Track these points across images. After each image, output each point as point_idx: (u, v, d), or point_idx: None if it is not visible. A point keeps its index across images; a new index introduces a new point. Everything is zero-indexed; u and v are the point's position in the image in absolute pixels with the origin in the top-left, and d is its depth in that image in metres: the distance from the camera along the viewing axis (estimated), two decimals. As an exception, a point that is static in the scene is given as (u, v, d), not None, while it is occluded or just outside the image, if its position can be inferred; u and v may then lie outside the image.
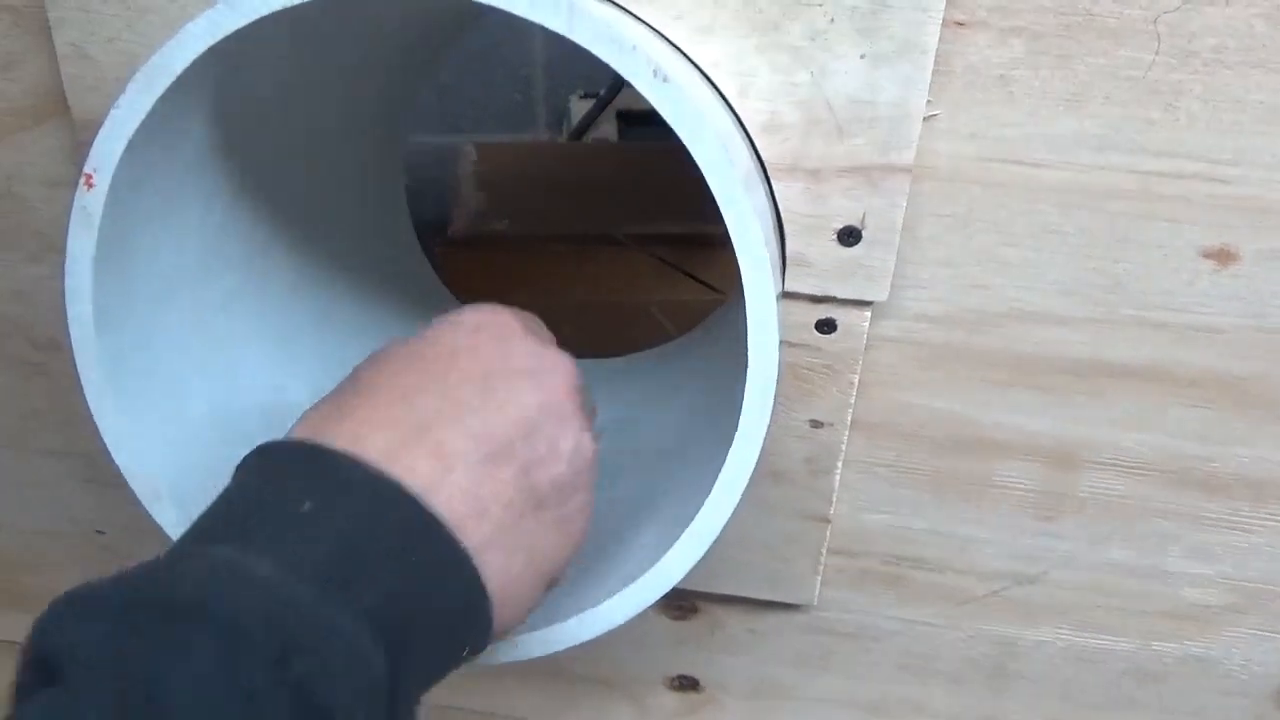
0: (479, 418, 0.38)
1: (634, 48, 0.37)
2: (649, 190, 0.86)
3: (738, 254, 0.40)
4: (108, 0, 0.46)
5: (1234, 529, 0.56)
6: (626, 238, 0.83)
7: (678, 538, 0.44)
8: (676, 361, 0.72)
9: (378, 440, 0.36)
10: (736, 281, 0.41)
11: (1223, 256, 0.48)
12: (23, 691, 0.30)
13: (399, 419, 0.37)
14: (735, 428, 0.42)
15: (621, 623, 0.45)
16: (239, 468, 0.37)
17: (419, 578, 0.34)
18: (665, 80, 0.38)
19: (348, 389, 0.39)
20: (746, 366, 0.41)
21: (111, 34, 0.47)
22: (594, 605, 0.45)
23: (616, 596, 0.44)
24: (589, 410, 0.43)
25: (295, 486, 0.35)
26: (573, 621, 0.45)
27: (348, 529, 0.34)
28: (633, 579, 0.45)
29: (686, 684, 0.68)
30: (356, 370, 0.40)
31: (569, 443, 0.40)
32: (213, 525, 0.35)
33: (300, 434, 0.37)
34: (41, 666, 0.29)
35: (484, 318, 0.42)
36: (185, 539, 0.34)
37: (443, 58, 0.71)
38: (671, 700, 0.69)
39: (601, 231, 0.85)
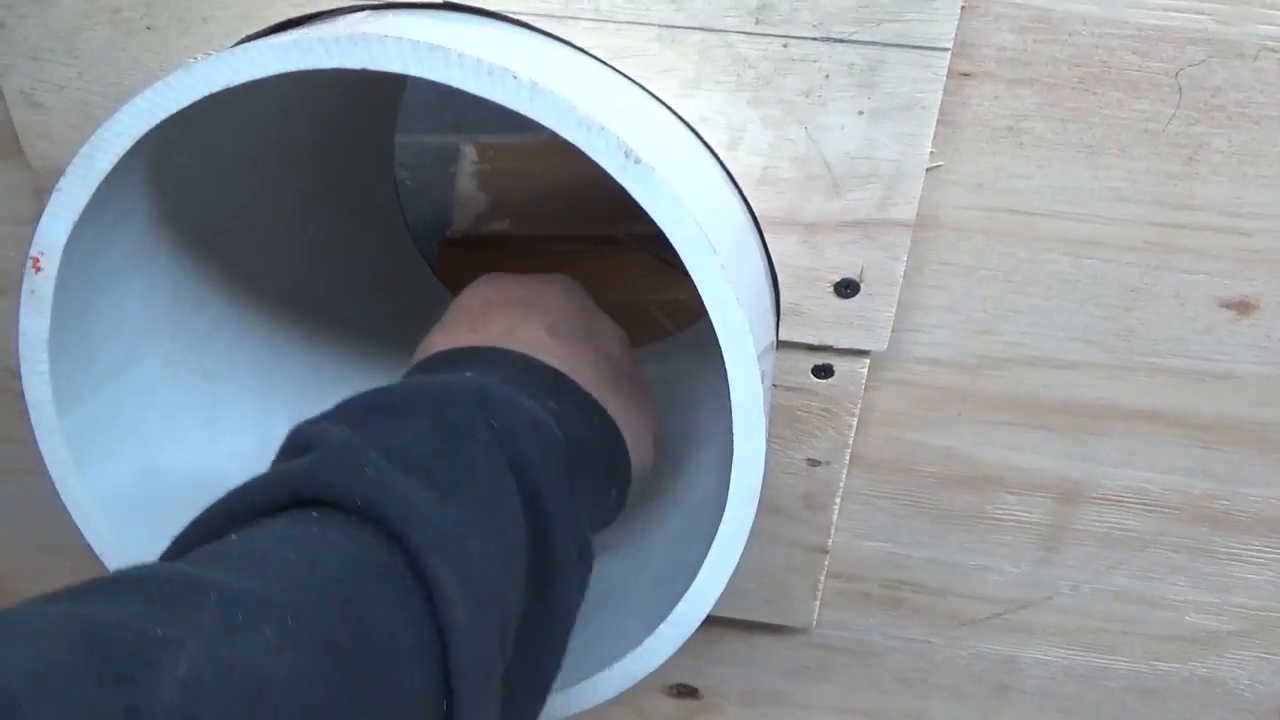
0: (537, 319, 0.44)
1: (602, 128, 0.34)
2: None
3: (720, 341, 0.37)
4: (55, 49, 0.43)
5: (1244, 562, 0.55)
6: (626, 238, 0.81)
7: (669, 609, 0.43)
8: (676, 360, 0.70)
9: (481, 344, 0.42)
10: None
11: (1242, 307, 0.46)
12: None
13: (487, 335, 0.43)
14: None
15: (611, 697, 0.44)
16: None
17: (569, 409, 0.40)
18: (637, 163, 0.35)
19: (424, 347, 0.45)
20: None
21: (61, 82, 0.44)
22: (583, 680, 0.44)
23: (604, 672, 0.44)
24: None
25: (448, 366, 0.41)
26: (556, 699, 0.44)
27: (509, 373, 0.40)
28: (624, 653, 0.44)
29: (685, 692, 0.68)
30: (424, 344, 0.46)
31: (606, 322, 0.48)
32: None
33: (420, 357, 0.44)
34: (292, 449, 0.35)
35: (486, 277, 0.49)
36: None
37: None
38: (670, 707, 0.69)
39: (601, 231, 0.83)
